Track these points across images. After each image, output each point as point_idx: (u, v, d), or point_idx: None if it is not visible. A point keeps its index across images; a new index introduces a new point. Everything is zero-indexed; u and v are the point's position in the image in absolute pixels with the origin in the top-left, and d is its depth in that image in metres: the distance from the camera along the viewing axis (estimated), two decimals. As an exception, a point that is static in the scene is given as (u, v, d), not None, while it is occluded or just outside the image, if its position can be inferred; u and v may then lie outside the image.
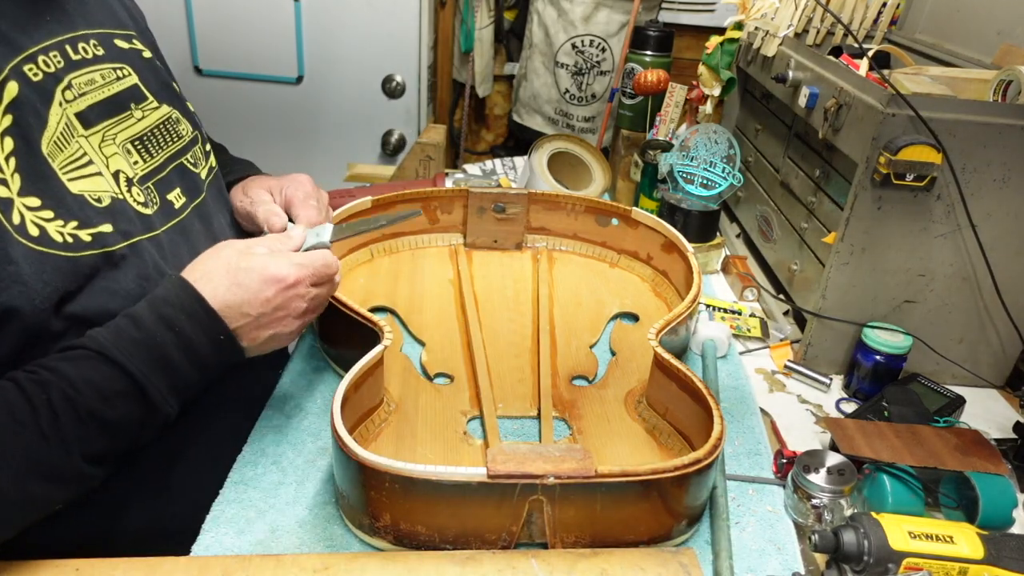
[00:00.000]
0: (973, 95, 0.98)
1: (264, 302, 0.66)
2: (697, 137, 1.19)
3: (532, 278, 1.07)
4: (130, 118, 0.72)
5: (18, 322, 0.58)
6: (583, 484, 0.61)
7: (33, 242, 0.58)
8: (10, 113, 0.59)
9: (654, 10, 1.78)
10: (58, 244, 0.60)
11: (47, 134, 0.62)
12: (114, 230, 0.65)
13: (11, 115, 0.59)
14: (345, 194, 1.24)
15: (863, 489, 0.74)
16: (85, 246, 0.62)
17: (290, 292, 0.68)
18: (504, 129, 2.09)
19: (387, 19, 1.73)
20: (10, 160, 0.58)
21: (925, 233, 0.89)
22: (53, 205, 0.60)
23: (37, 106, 0.62)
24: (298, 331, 0.71)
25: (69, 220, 0.61)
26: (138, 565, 0.59)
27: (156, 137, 0.75)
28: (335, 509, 0.69)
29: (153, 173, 0.73)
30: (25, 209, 0.58)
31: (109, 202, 0.66)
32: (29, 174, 0.59)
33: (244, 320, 0.66)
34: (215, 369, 0.67)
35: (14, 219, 0.57)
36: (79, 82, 0.68)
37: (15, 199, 0.58)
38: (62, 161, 0.63)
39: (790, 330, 1.06)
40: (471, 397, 0.83)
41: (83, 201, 0.63)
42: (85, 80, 0.68)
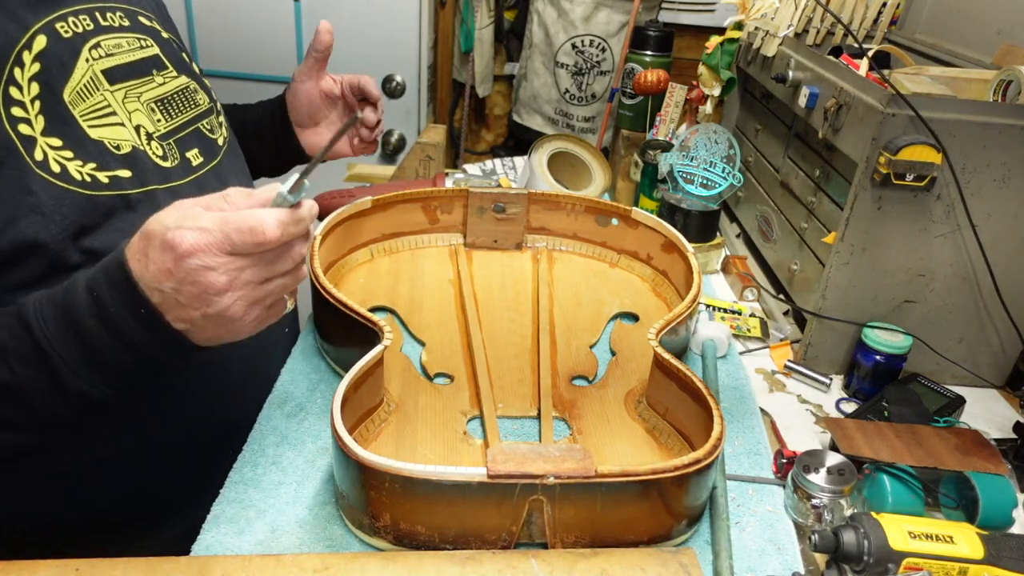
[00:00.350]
0: (973, 95, 0.98)
1: (166, 273, 0.55)
2: (697, 137, 1.20)
3: (532, 278, 1.07)
4: (151, 82, 0.77)
5: (38, 252, 0.62)
6: (583, 484, 0.61)
7: (54, 177, 0.64)
8: (38, 61, 0.65)
9: (654, 10, 1.78)
10: (77, 182, 0.65)
11: (71, 84, 0.68)
12: (132, 175, 0.70)
13: (39, 63, 0.65)
14: (345, 194, 1.24)
15: (863, 489, 0.74)
16: (103, 187, 0.67)
17: (189, 262, 0.54)
18: (504, 129, 2.09)
19: (387, 19, 1.73)
20: (35, 103, 0.64)
21: (925, 233, 0.89)
22: (73, 146, 0.66)
23: (64, 59, 0.68)
24: (248, 317, 0.58)
25: (88, 161, 0.67)
26: (138, 565, 0.59)
27: (176, 101, 0.80)
28: (335, 509, 0.69)
29: (173, 132, 0.78)
30: (48, 148, 0.64)
31: (129, 150, 0.71)
32: (52, 117, 0.65)
33: (160, 296, 0.56)
34: (152, 351, 0.58)
35: (36, 155, 0.63)
36: (106, 44, 0.73)
37: (38, 138, 0.64)
38: (83, 109, 0.68)
39: (790, 330, 1.06)
40: (471, 397, 0.83)
41: (102, 146, 0.68)
42: (112, 43, 0.74)
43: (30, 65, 0.65)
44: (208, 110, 0.85)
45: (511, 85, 2.00)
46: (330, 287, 0.84)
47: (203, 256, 0.54)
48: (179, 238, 0.54)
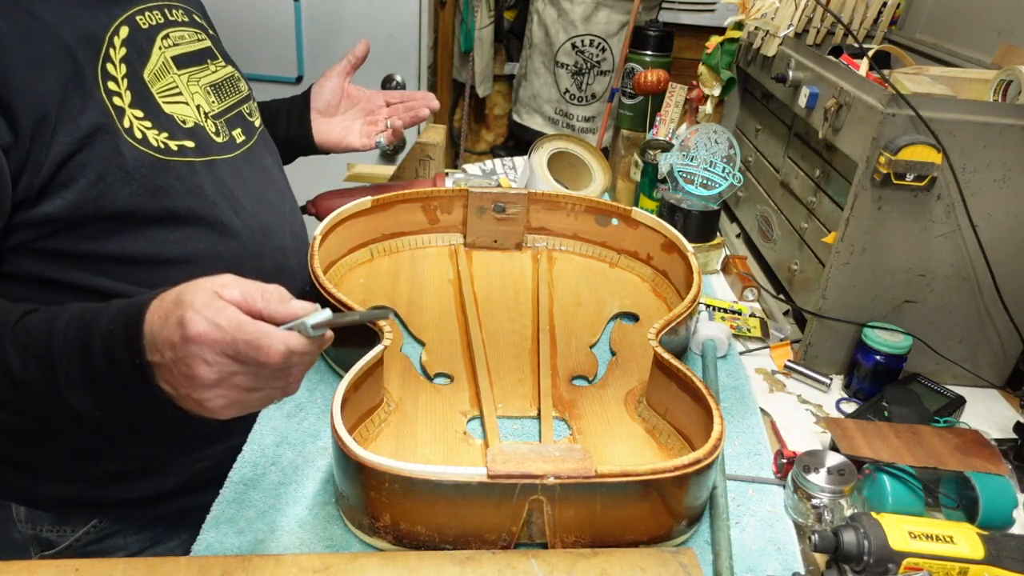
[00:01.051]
0: (973, 95, 0.98)
1: (169, 345, 0.56)
2: (697, 137, 1.19)
3: (532, 278, 1.07)
4: (207, 69, 0.90)
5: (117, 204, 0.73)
6: (583, 484, 0.61)
7: (138, 143, 0.75)
8: (125, 46, 0.77)
9: (654, 10, 1.78)
10: (154, 147, 0.77)
11: (149, 66, 0.80)
12: (195, 146, 0.81)
13: (125, 48, 0.77)
14: (345, 194, 1.23)
15: (863, 489, 0.74)
16: (173, 153, 0.78)
17: (190, 348, 0.55)
18: (504, 129, 2.09)
19: (387, 19, 1.73)
20: (124, 79, 0.76)
21: (925, 233, 0.89)
22: (151, 118, 0.78)
23: (143, 45, 0.80)
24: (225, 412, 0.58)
25: (162, 131, 0.78)
26: (138, 565, 0.59)
27: (226, 87, 0.92)
28: (335, 509, 0.69)
29: (224, 112, 0.89)
30: (134, 118, 0.76)
31: (192, 125, 0.82)
32: (136, 92, 0.77)
33: (158, 357, 0.57)
34: (136, 394, 0.59)
35: (125, 124, 0.74)
36: (174, 35, 0.86)
37: (127, 109, 0.75)
38: (159, 88, 0.80)
39: (790, 330, 1.06)
40: (471, 397, 0.83)
41: (172, 120, 0.80)
42: (178, 35, 0.87)
43: (119, 48, 0.77)
44: (247, 96, 0.97)
45: (511, 85, 2.00)
46: (330, 287, 0.84)
47: (204, 349, 0.55)
48: (192, 322, 0.55)
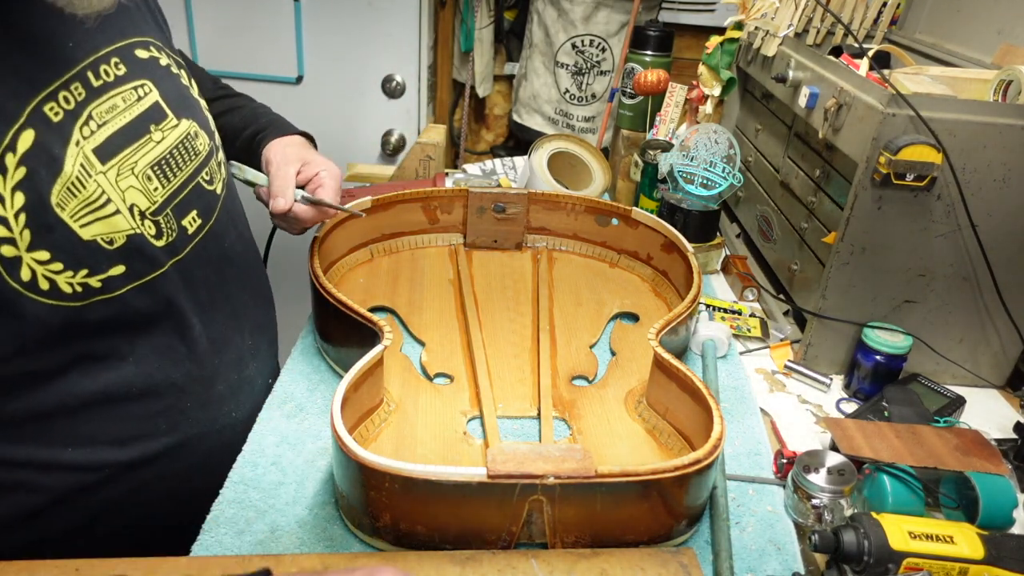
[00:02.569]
0: (973, 95, 0.97)
1: None
2: (697, 137, 1.19)
3: (532, 278, 1.07)
4: (149, 142, 0.69)
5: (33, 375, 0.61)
6: (583, 484, 0.61)
7: (44, 296, 0.58)
8: (23, 165, 0.56)
9: (654, 10, 1.77)
10: (67, 295, 0.60)
11: (60, 182, 0.59)
12: (125, 270, 0.65)
13: (24, 167, 0.56)
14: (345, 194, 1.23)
15: (863, 489, 0.74)
16: (95, 292, 0.62)
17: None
18: (504, 129, 2.09)
19: (387, 19, 1.73)
20: (20, 216, 0.56)
21: (925, 233, 0.89)
22: (63, 257, 0.59)
23: (54, 151, 0.59)
24: None
25: (79, 269, 0.61)
26: (138, 565, 0.59)
27: (175, 158, 0.72)
28: (335, 509, 0.69)
29: (171, 198, 0.71)
30: (35, 263, 0.58)
31: (123, 241, 0.64)
32: (38, 228, 0.57)
33: None
34: None
35: (23, 275, 0.57)
36: (99, 111, 0.64)
37: (23, 256, 0.57)
38: (74, 208, 0.60)
39: (790, 330, 1.06)
40: (471, 397, 0.83)
41: (94, 247, 0.62)
42: (106, 108, 0.65)
43: (14, 172, 0.55)
44: (208, 155, 0.78)
45: (511, 85, 2.00)
46: (330, 287, 0.84)
47: None
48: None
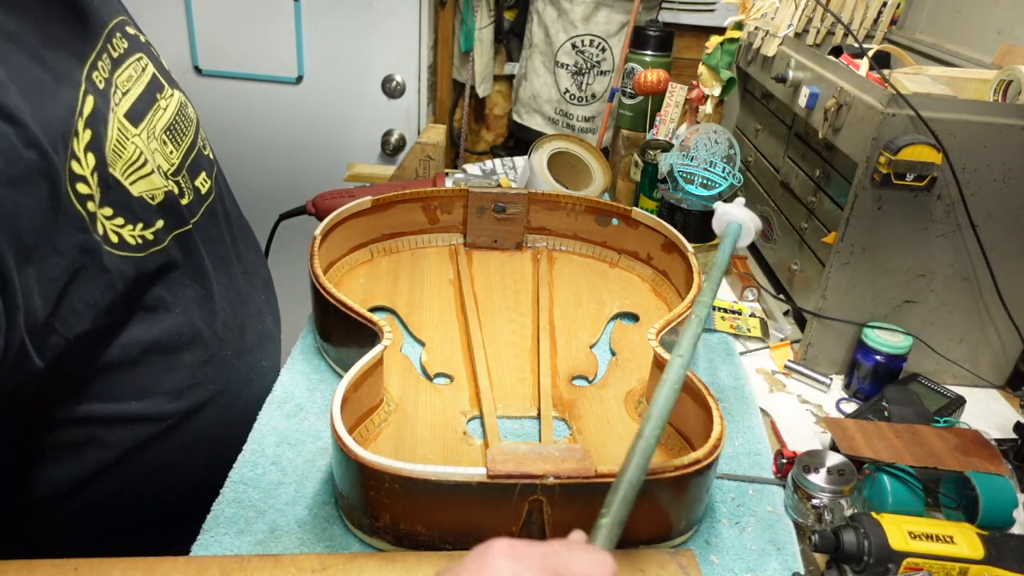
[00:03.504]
0: (973, 95, 0.97)
1: None
2: (697, 137, 1.19)
3: (532, 278, 1.07)
4: (159, 109, 0.72)
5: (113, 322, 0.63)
6: (583, 484, 0.61)
7: (116, 249, 0.61)
8: (90, 128, 0.58)
9: (654, 10, 1.77)
10: (132, 247, 0.63)
11: (108, 143, 0.62)
12: (164, 224, 0.68)
13: (91, 130, 0.58)
14: (345, 194, 1.23)
15: (863, 489, 0.74)
16: (149, 244, 0.66)
17: None
18: (504, 129, 2.09)
19: (387, 19, 1.73)
20: (94, 175, 0.59)
21: (925, 233, 0.89)
22: (122, 211, 0.62)
23: (104, 114, 0.61)
24: None
25: (136, 223, 0.64)
26: (137, 565, 0.59)
27: (179, 124, 0.75)
28: (335, 509, 0.69)
29: (184, 160, 0.74)
30: (104, 220, 0.61)
31: (162, 198, 0.67)
32: (103, 186, 0.60)
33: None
34: None
35: (98, 230, 0.59)
36: (121, 80, 0.67)
37: (97, 212, 0.59)
38: (122, 167, 0.63)
39: (790, 330, 1.06)
40: (471, 397, 0.83)
41: (142, 203, 0.65)
42: (125, 77, 0.68)
43: (83, 133, 0.58)
44: (197, 122, 0.81)
45: (511, 85, 2.00)
46: (330, 287, 0.84)
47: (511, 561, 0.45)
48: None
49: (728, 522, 0.71)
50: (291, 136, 1.87)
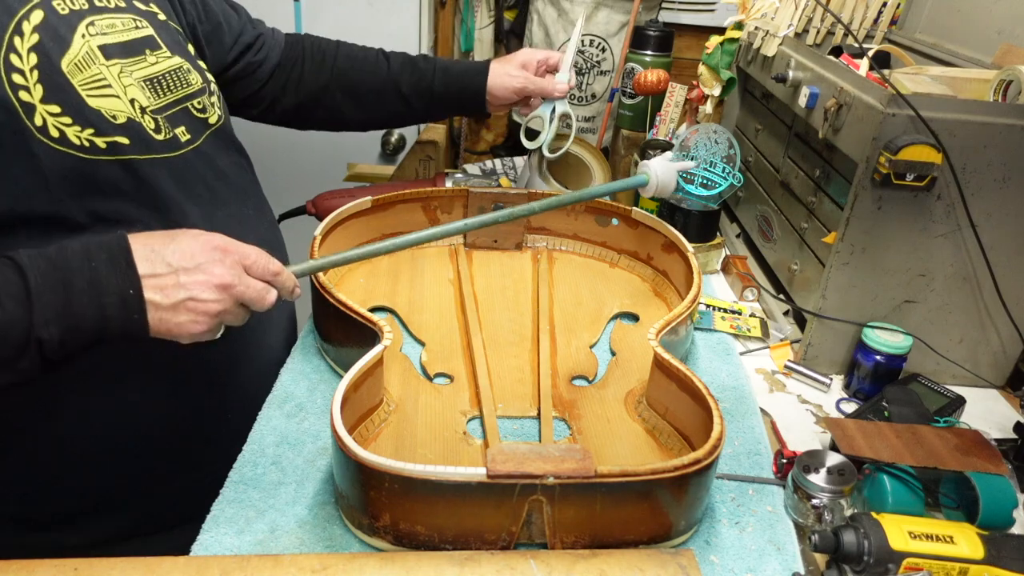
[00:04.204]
0: (973, 95, 0.97)
1: (187, 255, 0.63)
2: (697, 137, 1.19)
3: (532, 278, 1.07)
4: (143, 61, 0.79)
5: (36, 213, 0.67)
6: (583, 484, 0.61)
7: (54, 142, 0.67)
8: (36, 33, 0.68)
9: (654, 10, 1.77)
10: (76, 146, 0.69)
11: (68, 55, 0.70)
12: (130, 143, 0.73)
13: (37, 35, 0.68)
14: (345, 194, 1.24)
15: (863, 489, 0.74)
16: (101, 151, 0.71)
17: (216, 254, 0.63)
18: (504, 129, 2.09)
19: (387, 19, 1.73)
20: (34, 72, 0.67)
21: (925, 233, 0.89)
22: (71, 113, 0.69)
23: (62, 31, 0.70)
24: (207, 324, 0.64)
25: (86, 127, 0.70)
26: (136, 565, 0.59)
27: (167, 80, 0.81)
28: (335, 509, 0.69)
29: (164, 108, 0.80)
30: (47, 114, 0.67)
31: (124, 120, 0.73)
32: (50, 86, 0.67)
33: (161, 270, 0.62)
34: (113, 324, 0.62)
35: (36, 121, 0.66)
36: (101, 24, 0.75)
37: (37, 105, 0.66)
38: (82, 80, 0.71)
39: (790, 330, 1.06)
40: (471, 397, 0.83)
41: (99, 115, 0.71)
42: (106, 23, 0.76)
43: (29, 35, 0.67)
44: (200, 90, 0.86)
45: (511, 85, 2.00)
46: (330, 287, 0.84)
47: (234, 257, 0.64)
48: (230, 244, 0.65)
49: (728, 522, 0.71)
50: (291, 136, 1.86)
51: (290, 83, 1.08)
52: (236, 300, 0.65)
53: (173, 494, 0.85)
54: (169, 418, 0.83)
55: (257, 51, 1.04)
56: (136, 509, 0.84)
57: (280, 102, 1.08)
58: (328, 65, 1.08)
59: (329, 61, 1.08)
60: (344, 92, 1.08)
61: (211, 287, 0.63)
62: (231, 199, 0.87)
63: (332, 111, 1.10)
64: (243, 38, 1.02)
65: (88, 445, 0.79)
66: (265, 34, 1.07)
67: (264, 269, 0.67)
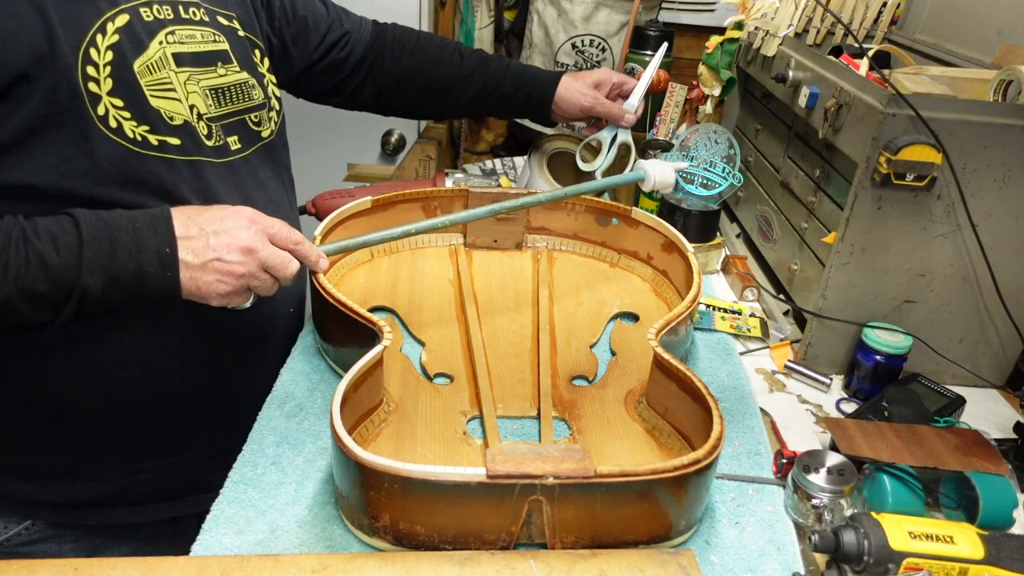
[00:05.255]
0: (973, 95, 0.97)
1: (217, 220, 0.72)
2: (697, 137, 1.19)
3: (532, 278, 1.07)
4: (213, 72, 0.85)
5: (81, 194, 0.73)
6: (582, 484, 0.61)
7: (110, 132, 0.73)
8: (118, 34, 0.74)
9: (654, 10, 1.78)
10: (129, 139, 0.74)
11: (142, 58, 0.76)
12: (180, 143, 0.79)
13: (118, 35, 0.74)
14: (345, 194, 1.24)
15: (863, 489, 0.74)
16: (152, 147, 0.76)
17: (243, 221, 0.73)
18: (504, 129, 2.09)
19: (387, 19, 1.72)
20: (107, 67, 0.73)
21: (925, 233, 0.89)
22: (132, 109, 0.75)
23: (141, 36, 0.77)
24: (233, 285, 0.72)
25: (142, 123, 0.76)
26: (136, 564, 0.59)
27: (231, 92, 0.87)
28: (335, 509, 0.69)
29: (222, 117, 0.85)
30: (111, 106, 0.73)
31: (181, 123, 0.79)
32: (119, 81, 0.74)
33: (194, 232, 0.71)
34: (149, 281, 0.70)
35: (99, 111, 0.72)
36: (181, 33, 0.81)
37: (103, 96, 0.73)
38: (149, 81, 0.77)
39: (790, 330, 1.06)
40: (471, 397, 0.83)
41: (158, 114, 0.77)
42: (186, 34, 0.82)
43: (111, 35, 0.74)
44: (260, 105, 0.92)
45: (511, 85, 2.00)
46: (330, 287, 0.84)
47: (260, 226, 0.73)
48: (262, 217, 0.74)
49: (728, 522, 0.71)
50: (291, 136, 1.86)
51: (370, 76, 1.14)
52: (260, 264, 0.73)
53: (155, 469, 0.89)
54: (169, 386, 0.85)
55: (342, 48, 1.10)
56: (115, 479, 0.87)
57: (361, 93, 1.15)
58: (405, 60, 1.14)
59: (406, 56, 1.14)
60: (417, 86, 1.15)
61: (236, 249, 0.71)
62: (264, 209, 0.89)
63: (407, 103, 1.18)
64: (329, 36, 1.08)
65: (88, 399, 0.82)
66: (352, 30, 1.12)
67: (286, 239, 0.75)
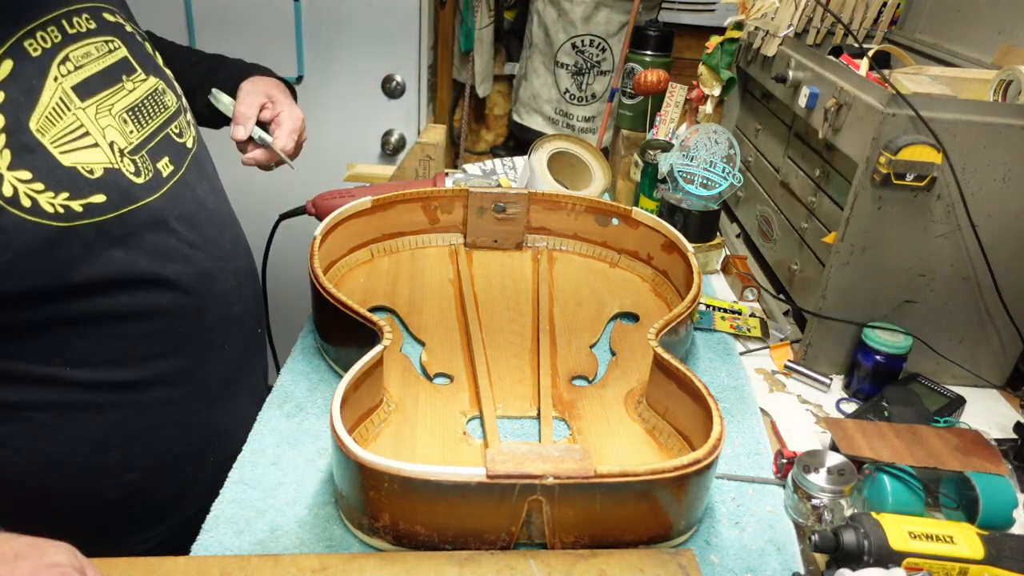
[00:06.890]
0: (973, 95, 0.97)
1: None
2: (697, 137, 1.19)
3: (532, 278, 1.07)
4: (122, 89, 0.75)
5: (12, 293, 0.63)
6: (582, 484, 0.61)
7: (26, 213, 0.62)
8: (2, 90, 0.62)
9: (654, 10, 1.77)
10: (49, 215, 0.64)
11: (39, 109, 0.65)
12: (106, 200, 0.69)
13: (3, 92, 0.62)
14: (345, 194, 1.23)
15: (863, 489, 0.74)
16: (77, 215, 0.66)
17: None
18: (504, 129, 2.09)
19: (387, 19, 1.73)
20: (1, 135, 0.61)
21: (925, 233, 0.89)
22: (43, 177, 0.64)
23: (32, 82, 0.65)
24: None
25: (60, 192, 0.65)
26: (136, 565, 0.59)
27: (147, 107, 0.78)
28: (334, 509, 0.69)
29: (146, 142, 0.76)
30: (17, 182, 0.62)
31: (102, 173, 0.69)
32: (18, 149, 0.62)
33: None
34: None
35: (5, 191, 0.61)
36: (76, 55, 0.70)
37: (5, 173, 0.61)
38: (54, 135, 0.65)
39: (790, 330, 1.06)
40: (471, 397, 0.83)
41: (74, 173, 0.66)
42: (81, 53, 0.71)
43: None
44: (176, 111, 0.84)
45: (511, 85, 2.00)
46: (330, 287, 0.84)
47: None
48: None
49: (728, 522, 0.71)
50: (291, 136, 1.86)
51: None
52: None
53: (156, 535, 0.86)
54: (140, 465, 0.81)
55: None
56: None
57: None
58: None
59: None
60: None
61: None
62: (212, 234, 0.85)
63: None
64: None
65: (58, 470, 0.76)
66: None
67: None
